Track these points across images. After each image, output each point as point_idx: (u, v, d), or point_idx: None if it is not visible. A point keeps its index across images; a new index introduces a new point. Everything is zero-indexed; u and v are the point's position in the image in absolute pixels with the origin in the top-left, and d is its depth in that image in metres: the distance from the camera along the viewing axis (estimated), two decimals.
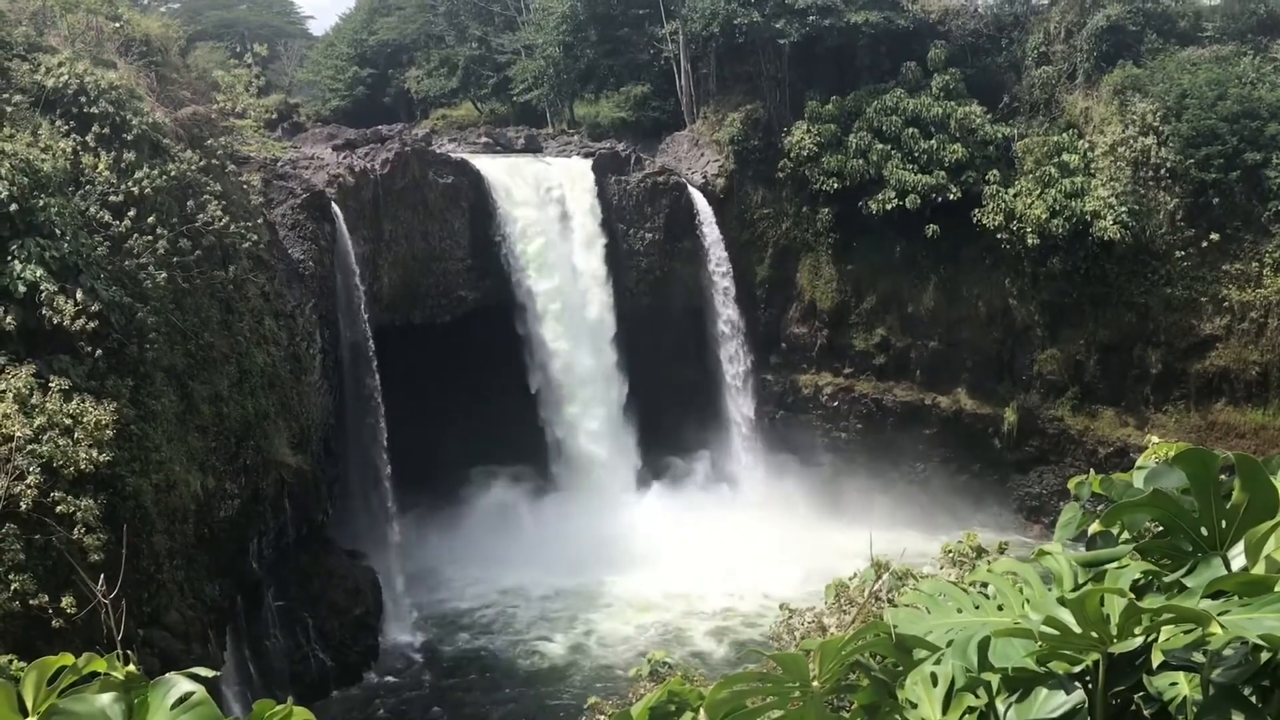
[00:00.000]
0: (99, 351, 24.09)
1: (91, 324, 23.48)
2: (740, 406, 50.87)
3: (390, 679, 37.31)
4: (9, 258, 23.14)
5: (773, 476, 49.37)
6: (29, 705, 3.03)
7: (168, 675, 3.18)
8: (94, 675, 3.20)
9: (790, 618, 15.07)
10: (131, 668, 3.26)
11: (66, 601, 19.71)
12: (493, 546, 43.65)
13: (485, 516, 44.93)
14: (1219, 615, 2.94)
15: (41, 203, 23.95)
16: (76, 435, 21.42)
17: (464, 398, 44.70)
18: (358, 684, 36.49)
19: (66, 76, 27.50)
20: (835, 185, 48.30)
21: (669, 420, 47.79)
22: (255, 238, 32.04)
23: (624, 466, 48.28)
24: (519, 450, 46.83)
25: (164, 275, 27.16)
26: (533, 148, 54.32)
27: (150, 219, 27.36)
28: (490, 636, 40.04)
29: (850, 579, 13.10)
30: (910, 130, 47.60)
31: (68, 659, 3.18)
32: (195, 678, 3.16)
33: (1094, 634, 3.09)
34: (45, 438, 20.95)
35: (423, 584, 42.46)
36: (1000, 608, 3.54)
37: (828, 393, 51.00)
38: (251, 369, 31.51)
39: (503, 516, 45.15)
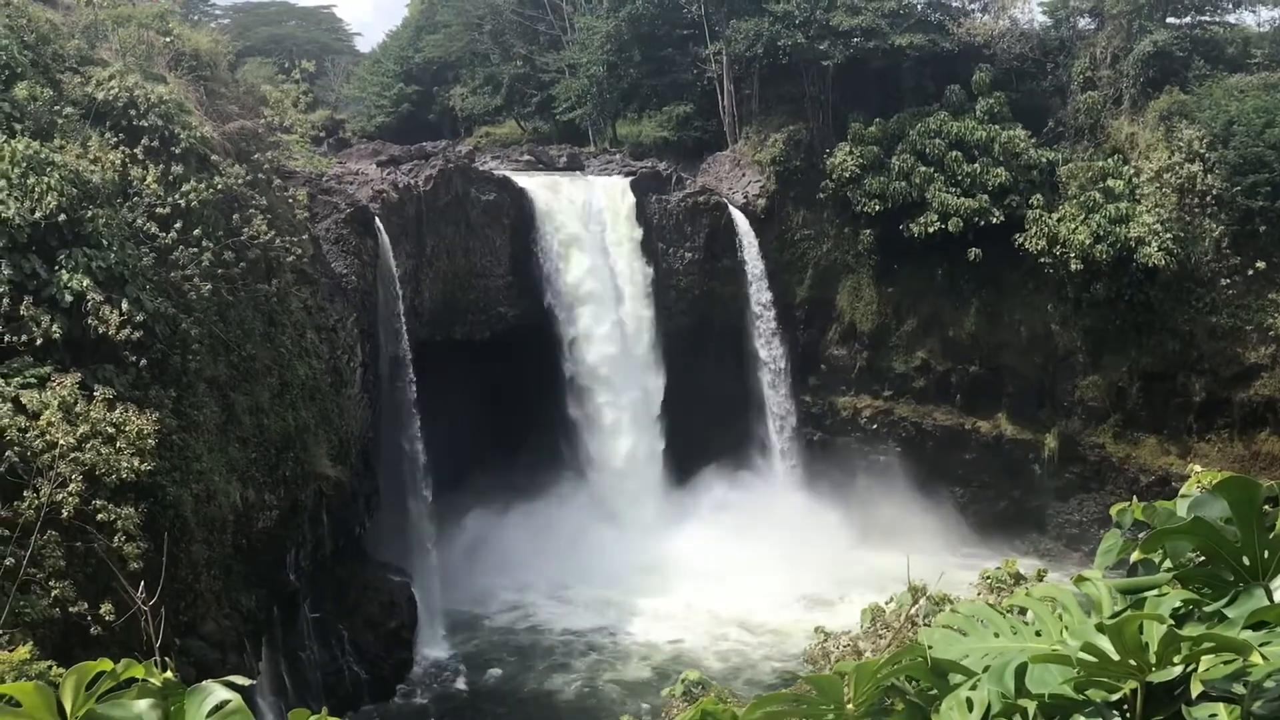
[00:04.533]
0: (143, 361, 24.32)
1: (136, 334, 23.69)
2: (778, 427, 50.70)
3: (422, 694, 37.37)
4: (56, 267, 23.44)
5: (810, 498, 49.10)
6: (68, 709, 3.06)
7: (204, 683, 3.21)
8: (131, 681, 3.23)
9: (825, 641, 14.96)
10: (169, 674, 3.28)
11: (105, 609, 19.81)
12: (528, 565, 43.70)
13: (521, 533, 44.92)
14: (1260, 646, 2.90)
15: (89, 213, 24.25)
16: (119, 444, 21.56)
17: (501, 413, 44.81)
18: (391, 698, 36.57)
19: (117, 89, 27.85)
20: (877, 207, 48.16)
21: (706, 439, 47.69)
22: (299, 251, 32.29)
23: (659, 486, 48.17)
24: (556, 468, 46.97)
25: (208, 287, 27.43)
26: (575, 166, 54.47)
27: (196, 231, 27.64)
28: (524, 656, 40.01)
29: (887, 603, 13.01)
30: (953, 153, 47.43)
31: (106, 664, 3.20)
32: (231, 686, 3.19)
33: (1132, 662, 3.06)
34: (88, 446, 21.12)
35: (458, 600, 42.50)
36: (1038, 633, 3.51)
37: (866, 415, 50.78)
38: (293, 381, 31.69)
39: (538, 534, 45.12)
